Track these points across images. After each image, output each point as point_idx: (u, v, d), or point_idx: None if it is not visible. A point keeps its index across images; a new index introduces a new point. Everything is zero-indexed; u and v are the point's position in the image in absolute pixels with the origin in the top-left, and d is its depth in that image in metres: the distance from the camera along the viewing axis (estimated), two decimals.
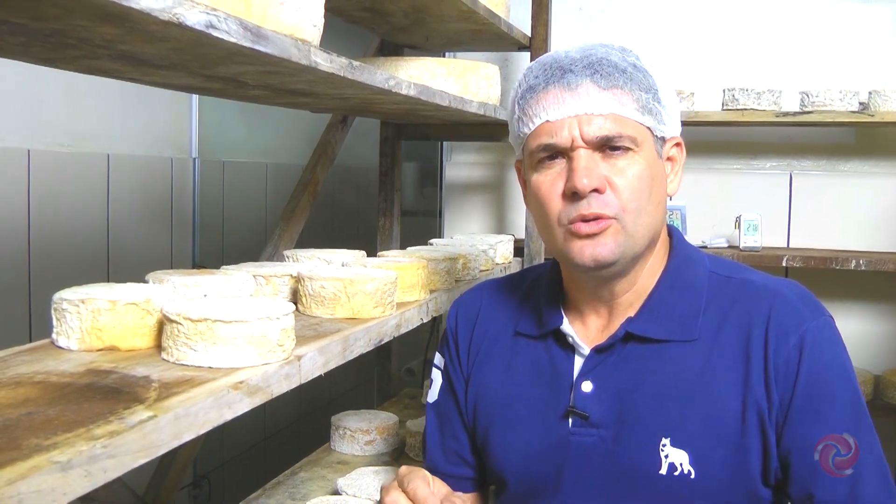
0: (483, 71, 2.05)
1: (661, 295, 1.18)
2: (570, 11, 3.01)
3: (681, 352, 1.14)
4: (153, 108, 2.74)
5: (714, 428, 1.09)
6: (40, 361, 0.96)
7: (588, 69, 1.10)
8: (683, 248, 1.23)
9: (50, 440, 0.69)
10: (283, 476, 1.87)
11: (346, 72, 1.23)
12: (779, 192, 2.89)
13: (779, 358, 1.09)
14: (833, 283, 2.82)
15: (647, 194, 1.11)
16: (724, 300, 1.16)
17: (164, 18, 0.78)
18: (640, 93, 1.11)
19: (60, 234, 2.30)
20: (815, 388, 1.08)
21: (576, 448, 1.16)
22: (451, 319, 1.37)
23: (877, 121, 2.53)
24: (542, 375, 1.22)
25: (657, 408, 1.12)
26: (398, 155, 2.68)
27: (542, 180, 1.14)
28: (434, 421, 1.37)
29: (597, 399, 1.15)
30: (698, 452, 1.09)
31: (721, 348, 1.12)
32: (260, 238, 2.99)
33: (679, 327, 1.15)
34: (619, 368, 1.16)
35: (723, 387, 1.11)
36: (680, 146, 1.20)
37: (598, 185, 1.08)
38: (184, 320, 0.96)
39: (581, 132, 1.09)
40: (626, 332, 1.16)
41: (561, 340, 1.22)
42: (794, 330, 1.10)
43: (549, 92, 1.11)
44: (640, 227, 1.11)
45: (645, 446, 1.11)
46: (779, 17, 2.87)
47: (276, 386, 0.99)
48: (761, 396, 1.09)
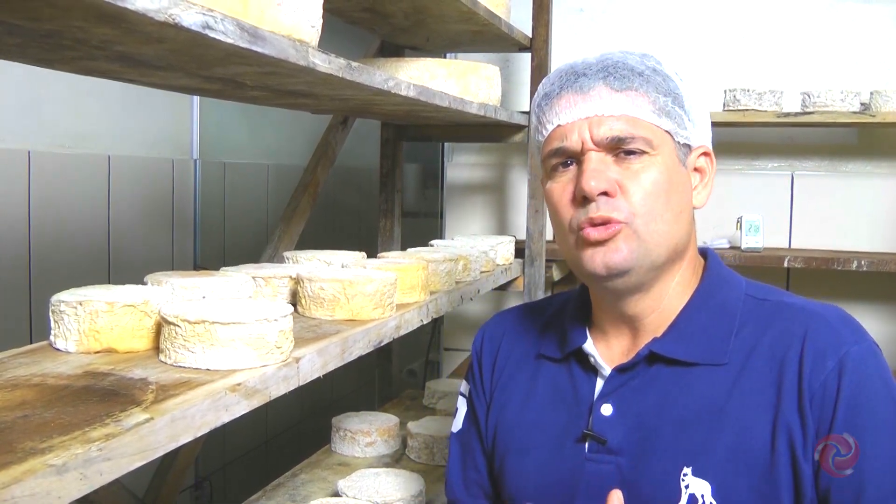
0: (483, 72, 2.04)
1: (690, 315, 1.10)
2: (571, 12, 3.01)
3: (709, 376, 1.06)
4: (154, 110, 2.73)
5: (740, 457, 1.01)
6: (38, 363, 0.96)
7: (602, 72, 1.07)
8: (718, 269, 1.15)
9: (45, 443, 0.69)
10: (284, 478, 1.87)
11: (344, 73, 1.23)
12: (780, 193, 2.88)
13: (815, 383, 1.00)
14: (835, 284, 2.81)
15: (663, 200, 1.05)
16: (758, 323, 1.08)
17: (160, 19, 0.78)
18: (658, 95, 1.07)
19: (61, 236, 2.30)
20: (855, 418, 0.98)
21: (590, 476, 1.08)
22: (476, 344, 1.32)
23: (878, 121, 2.52)
24: (562, 399, 1.15)
25: (680, 434, 1.04)
26: (399, 156, 2.67)
27: (554, 186, 1.10)
28: (457, 451, 1.30)
29: (616, 423, 1.08)
30: (722, 483, 1.01)
31: (751, 373, 1.04)
32: (261, 239, 2.98)
33: (708, 350, 1.07)
34: (641, 391, 1.08)
35: (752, 413, 1.02)
36: (709, 156, 1.14)
37: (607, 188, 1.03)
38: (181, 322, 0.96)
39: (591, 134, 1.05)
40: (650, 352, 1.08)
41: (583, 362, 1.15)
42: (832, 352, 1.01)
43: (563, 97, 1.08)
44: (655, 233, 1.05)
45: (664, 475, 1.03)
46: (780, 18, 2.86)
47: (274, 388, 0.99)
48: (794, 424, 1.00)
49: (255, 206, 3.38)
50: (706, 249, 1.19)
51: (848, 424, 0.98)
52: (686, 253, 1.12)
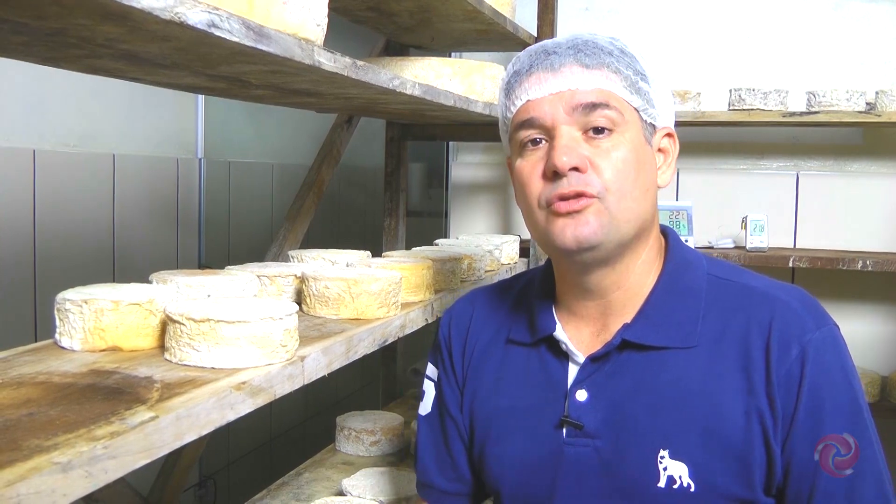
0: (488, 71, 2.04)
1: (657, 300, 1.12)
2: (577, 11, 3.01)
3: (680, 359, 1.08)
4: (159, 109, 2.74)
5: (715, 439, 1.04)
6: (43, 362, 0.96)
7: (572, 49, 1.08)
8: (680, 249, 1.18)
9: (50, 441, 0.69)
10: (288, 477, 1.87)
11: (349, 71, 1.22)
12: (785, 193, 2.88)
13: (781, 370, 1.04)
14: (840, 284, 2.81)
15: (632, 177, 1.07)
16: (725, 305, 1.11)
17: (166, 18, 0.78)
18: (629, 73, 1.08)
19: (66, 235, 2.30)
20: (818, 401, 1.04)
21: (570, 459, 1.11)
22: (443, 329, 1.32)
23: (884, 121, 2.52)
24: (536, 384, 1.17)
25: (655, 418, 1.07)
26: (404, 155, 2.67)
27: (523, 164, 1.11)
28: (427, 434, 1.31)
29: (592, 408, 1.10)
30: (698, 465, 1.04)
31: (722, 356, 1.07)
32: (266, 238, 2.99)
33: (678, 334, 1.10)
34: (615, 377, 1.11)
35: (723, 396, 1.06)
36: (672, 137, 1.16)
37: (578, 164, 1.04)
38: (186, 321, 0.96)
39: (563, 107, 1.06)
40: (622, 340, 1.11)
41: (554, 347, 1.17)
42: (796, 341, 1.05)
43: (533, 74, 1.09)
44: (625, 210, 1.06)
45: (642, 458, 1.06)
46: (785, 17, 2.86)
47: (279, 387, 0.99)
48: (764, 407, 1.04)
49: (259, 205, 3.38)
50: (666, 228, 1.22)
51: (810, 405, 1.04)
52: (651, 231, 1.15)
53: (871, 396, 2.54)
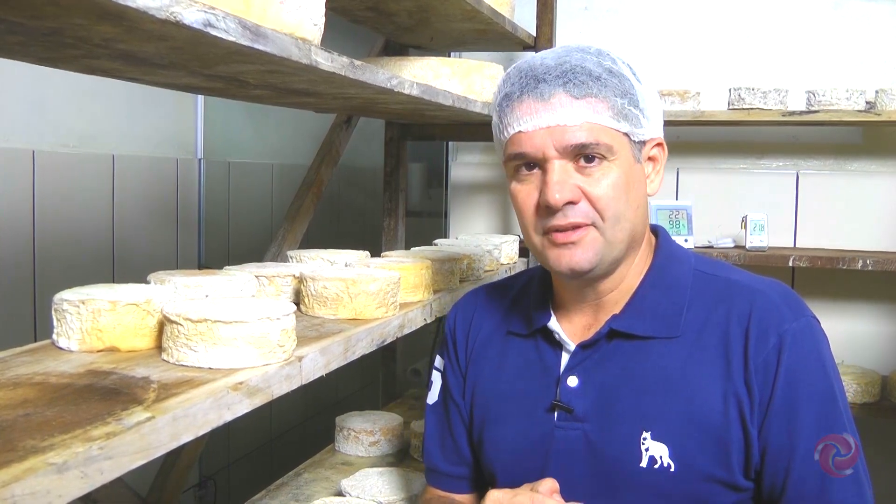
0: (487, 71, 2.04)
1: (645, 293, 1.19)
2: (576, 11, 3.00)
3: (664, 348, 1.15)
4: (158, 109, 2.74)
5: (694, 422, 1.10)
6: (40, 362, 0.96)
7: (561, 78, 1.11)
8: (668, 246, 1.24)
9: (46, 441, 0.69)
10: (287, 477, 1.87)
11: (347, 71, 1.22)
12: (785, 192, 2.87)
13: (758, 358, 1.10)
14: (840, 284, 2.80)
15: (624, 200, 1.12)
16: (709, 298, 1.17)
17: (162, 17, 0.78)
18: (616, 99, 1.11)
19: (65, 235, 2.30)
20: (792, 389, 1.09)
21: (560, 442, 1.18)
22: (449, 322, 1.40)
23: (884, 120, 2.51)
24: (531, 371, 1.24)
25: (639, 402, 1.13)
26: (403, 155, 2.67)
27: (518, 189, 1.16)
28: (434, 422, 1.39)
29: (581, 393, 1.17)
30: (678, 446, 1.10)
31: (703, 346, 1.14)
32: (266, 238, 2.98)
33: (662, 324, 1.16)
34: (603, 364, 1.18)
35: (704, 382, 1.12)
36: (661, 146, 1.20)
37: (571, 198, 1.10)
38: (184, 321, 0.96)
39: (554, 143, 1.10)
40: (610, 329, 1.18)
41: (548, 337, 1.24)
42: (773, 330, 1.11)
43: (523, 102, 1.12)
44: (619, 232, 1.13)
45: (626, 439, 1.13)
46: (785, 16, 2.85)
47: (276, 387, 0.99)
48: (742, 393, 1.10)
49: (258, 205, 3.38)
50: (656, 226, 1.28)
51: (785, 393, 1.09)
52: (642, 237, 1.21)
53: (871, 396, 2.54)
